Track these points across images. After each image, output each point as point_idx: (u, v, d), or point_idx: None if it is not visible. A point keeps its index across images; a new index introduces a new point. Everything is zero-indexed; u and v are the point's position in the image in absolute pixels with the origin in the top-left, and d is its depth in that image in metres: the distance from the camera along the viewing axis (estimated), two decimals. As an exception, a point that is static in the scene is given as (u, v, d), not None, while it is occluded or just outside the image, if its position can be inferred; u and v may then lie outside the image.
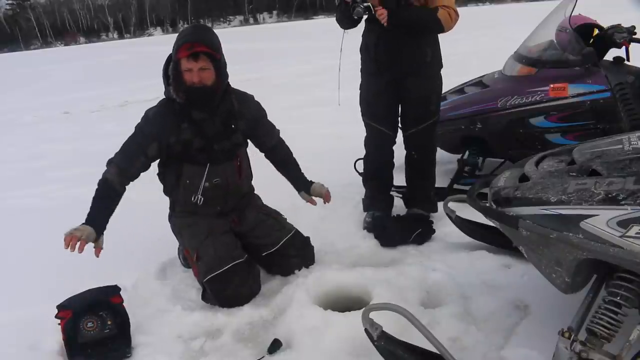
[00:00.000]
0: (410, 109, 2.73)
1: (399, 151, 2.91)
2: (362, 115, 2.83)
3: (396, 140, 2.85)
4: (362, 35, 2.72)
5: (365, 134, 2.87)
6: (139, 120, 2.26)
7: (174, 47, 2.13)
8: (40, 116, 8.15)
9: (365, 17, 2.48)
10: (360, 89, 2.82)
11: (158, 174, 2.40)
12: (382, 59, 2.62)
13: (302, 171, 2.60)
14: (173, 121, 2.21)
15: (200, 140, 2.24)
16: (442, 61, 2.75)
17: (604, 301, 1.50)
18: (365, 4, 2.44)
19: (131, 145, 2.23)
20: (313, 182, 2.57)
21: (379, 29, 2.54)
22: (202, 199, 2.30)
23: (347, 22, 2.63)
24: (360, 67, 2.79)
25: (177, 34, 2.23)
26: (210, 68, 2.14)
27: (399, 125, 2.85)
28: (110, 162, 2.22)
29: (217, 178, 2.30)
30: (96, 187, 2.18)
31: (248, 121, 2.38)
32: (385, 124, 2.76)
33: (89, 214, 2.13)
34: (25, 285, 2.55)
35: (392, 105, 2.75)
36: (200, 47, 2.08)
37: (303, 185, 2.57)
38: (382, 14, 2.44)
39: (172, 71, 2.15)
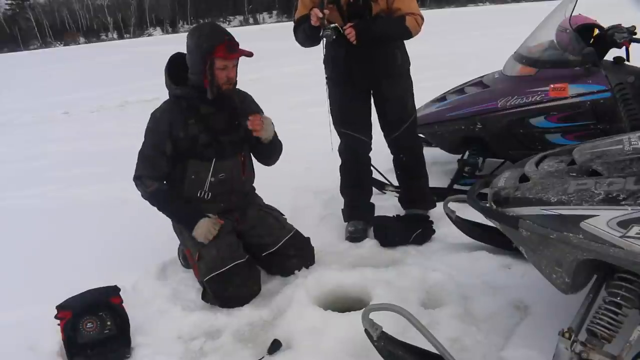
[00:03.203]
0: (389, 112, 2.72)
1: (387, 154, 2.89)
2: (335, 124, 2.79)
3: (372, 146, 2.82)
4: (325, 47, 2.66)
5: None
6: (147, 123, 2.31)
7: (203, 46, 2.16)
8: (40, 116, 8.14)
9: (333, 38, 2.44)
10: (329, 98, 2.78)
11: None
12: (354, 70, 2.60)
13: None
14: (180, 117, 2.27)
15: (207, 135, 2.30)
16: (410, 61, 2.74)
17: (604, 301, 1.50)
18: (332, 25, 2.42)
19: (148, 151, 2.30)
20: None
21: (346, 43, 2.48)
22: (210, 194, 2.34)
23: (310, 43, 2.62)
24: (325, 75, 2.74)
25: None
26: (237, 65, 2.28)
27: (381, 130, 2.82)
28: (139, 178, 2.30)
29: (222, 173, 2.34)
30: (153, 203, 2.32)
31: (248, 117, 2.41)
32: (360, 131, 2.73)
33: (184, 217, 2.33)
34: (25, 285, 2.55)
35: (366, 112, 2.74)
36: (237, 46, 2.21)
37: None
38: (350, 33, 2.41)
39: (209, 70, 2.19)
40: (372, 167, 2.99)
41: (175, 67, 2.31)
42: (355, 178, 2.86)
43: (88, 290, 2.09)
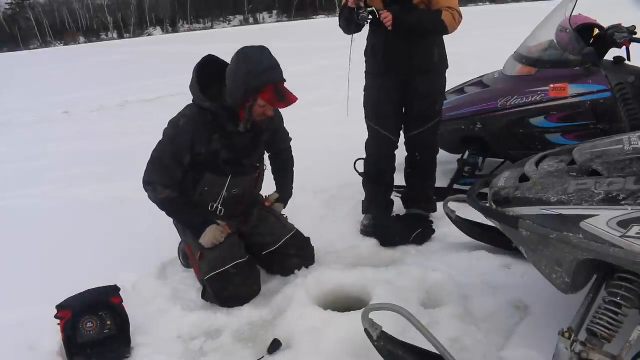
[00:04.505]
0: (417, 108, 2.71)
1: (399, 150, 2.90)
2: (367, 118, 2.78)
3: (398, 145, 2.83)
4: (367, 38, 2.69)
5: (367, 136, 2.83)
6: (167, 129, 2.20)
7: (252, 83, 2.03)
8: (40, 116, 8.14)
9: (369, 21, 2.46)
10: (365, 90, 2.78)
11: None
12: (392, 60, 2.61)
13: (292, 185, 2.65)
14: (204, 132, 2.18)
15: (228, 152, 2.24)
16: (448, 62, 2.74)
17: (604, 301, 1.50)
18: (369, 9, 2.43)
19: (165, 159, 2.20)
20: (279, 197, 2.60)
21: (385, 31, 2.51)
22: (223, 210, 2.33)
23: (352, 28, 2.60)
24: (365, 69, 2.76)
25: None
26: None
27: (403, 126, 2.82)
28: (151, 183, 2.22)
29: (236, 189, 2.33)
30: (163, 208, 2.27)
31: (270, 132, 2.41)
32: (389, 129, 2.73)
33: (193, 224, 2.29)
34: (25, 285, 2.55)
35: (398, 108, 2.74)
36: (285, 92, 2.11)
37: (281, 198, 2.61)
38: (386, 18, 2.41)
39: (248, 107, 2.10)
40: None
41: (205, 73, 2.18)
42: (377, 175, 2.86)
43: (88, 290, 2.09)
